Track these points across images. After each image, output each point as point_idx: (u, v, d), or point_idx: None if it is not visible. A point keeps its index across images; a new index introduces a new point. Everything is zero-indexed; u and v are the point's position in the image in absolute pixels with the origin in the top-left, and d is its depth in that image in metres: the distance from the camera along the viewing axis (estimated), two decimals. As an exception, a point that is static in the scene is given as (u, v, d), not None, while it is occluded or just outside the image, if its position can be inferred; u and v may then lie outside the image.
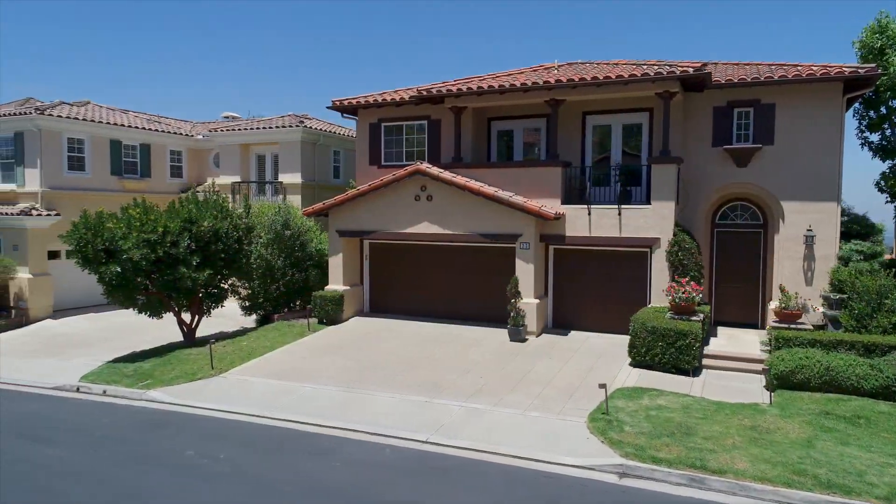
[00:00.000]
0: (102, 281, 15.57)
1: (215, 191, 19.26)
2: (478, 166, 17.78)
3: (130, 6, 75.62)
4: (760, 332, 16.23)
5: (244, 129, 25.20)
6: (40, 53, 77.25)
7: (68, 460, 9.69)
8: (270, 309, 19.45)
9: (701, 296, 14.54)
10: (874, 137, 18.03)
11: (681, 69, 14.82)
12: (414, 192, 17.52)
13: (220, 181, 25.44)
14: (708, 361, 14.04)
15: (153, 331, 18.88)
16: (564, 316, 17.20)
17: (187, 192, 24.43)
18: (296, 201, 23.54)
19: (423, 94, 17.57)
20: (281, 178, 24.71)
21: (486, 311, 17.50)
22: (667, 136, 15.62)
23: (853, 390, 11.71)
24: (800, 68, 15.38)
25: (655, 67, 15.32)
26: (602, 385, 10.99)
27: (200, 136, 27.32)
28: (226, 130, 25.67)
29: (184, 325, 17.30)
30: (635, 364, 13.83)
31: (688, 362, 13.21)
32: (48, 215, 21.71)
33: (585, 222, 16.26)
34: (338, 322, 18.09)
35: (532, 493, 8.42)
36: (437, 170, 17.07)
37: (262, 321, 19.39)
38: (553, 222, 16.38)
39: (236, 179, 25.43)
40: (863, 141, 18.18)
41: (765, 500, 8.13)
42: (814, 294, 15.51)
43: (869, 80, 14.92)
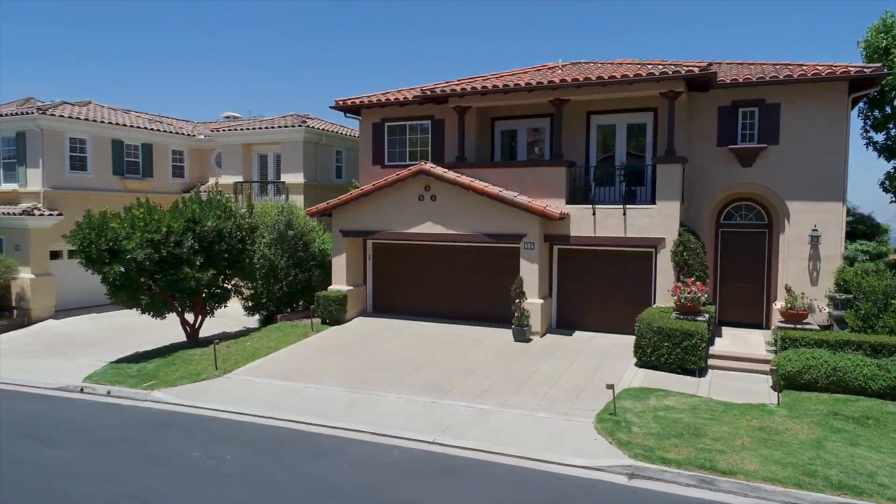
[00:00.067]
0: (106, 281, 15.51)
1: (218, 190, 19.19)
2: (482, 166, 17.73)
3: (130, 6, 75.56)
4: (765, 332, 16.20)
5: (246, 129, 25.12)
6: (40, 53, 77.18)
7: (74, 461, 9.63)
8: (273, 309, 19.39)
9: (706, 296, 14.50)
10: (879, 137, 17.97)
11: (686, 69, 14.78)
12: (418, 191, 17.48)
13: (222, 181, 25.36)
14: (713, 362, 14.01)
15: (156, 331, 18.82)
16: (569, 316, 17.16)
17: (189, 192, 24.37)
18: (298, 201, 23.46)
19: (427, 93, 17.52)
20: (283, 178, 24.63)
21: (489, 311, 17.46)
22: (672, 136, 15.58)
23: (861, 391, 11.68)
24: (805, 68, 15.33)
25: (660, 67, 15.27)
26: (609, 385, 10.95)
27: (202, 136, 27.25)
28: (228, 130, 25.59)
29: (187, 326, 17.25)
30: (641, 364, 13.79)
31: (694, 363, 13.18)
32: (50, 215, 21.63)
33: (590, 222, 16.22)
34: (341, 322, 18.04)
35: (541, 494, 8.38)
36: (441, 169, 17.03)
37: (265, 321, 19.32)
38: (557, 222, 16.34)
39: (238, 179, 25.35)
40: (867, 141, 18.13)
41: (775, 502, 8.08)
42: (819, 294, 15.48)
43: (874, 79, 14.89)
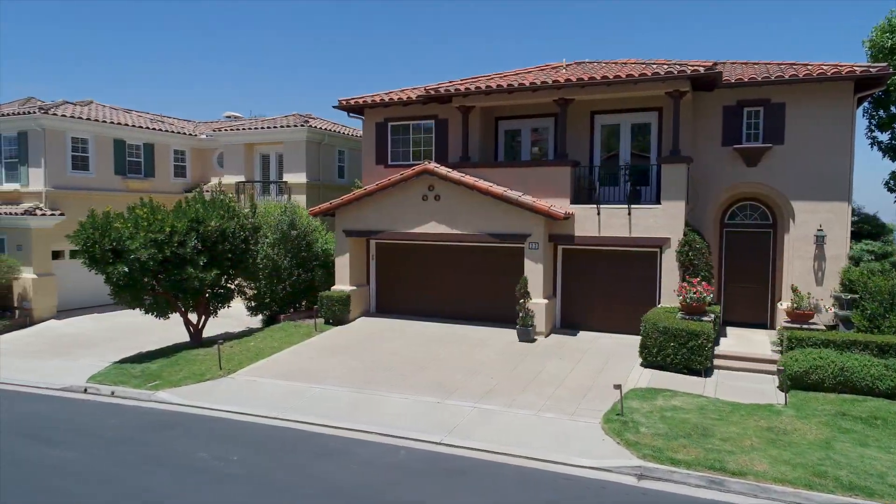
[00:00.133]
0: (110, 281, 15.46)
1: (221, 190, 19.14)
2: (486, 166, 17.69)
3: (130, 6, 75.42)
4: (770, 332, 16.17)
5: (248, 129, 25.08)
6: (40, 53, 76.97)
7: (80, 463, 9.58)
8: (277, 309, 19.35)
9: (712, 296, 14.47)
10: (884, 137, 17.98)
11: (692, 68, 14.74)
12: (421, 191, 17.43)
13: (224, 181, 25.29)
14: (719, 362, 13.96)
15: (158, 331, 18.77)
16: (573, 316, 17.13)
17: (191, 192, 24.31)
18: (301, 201, 23.41)
19: (431, 93, 17.47)
20: (285, 178, 24.60)
21: (493, 311, 17.42)
22: (677, 136, 15.54)
23: (868, 391, 11.65)
24: (810, 68, 15.30)
25: (665, 67, 15.24)
26: (617, 386, 10.91)
27: (204, 136, 27.20)
28: (230, 130, 25.55)
29: (190, 326, 17.20)
30: (646, 364, 13.75)
31: (700, 363, 13.14)
32: (52, 215, 21.58)
33: (595, 222, 16.18)
34: (344, 322, 18.00)
35: (551, 495, 8.34)
36: (445, 169, 16.98)
37: (268, 321, 19.29)
38: (562, 222, 16.30)
39: (240, 179, 25.31)
40: (872, 140, 18.12)
41: (786, 503, 8.05)
42: (824, 294, 15.45)
43: (880, 79, 14.86)
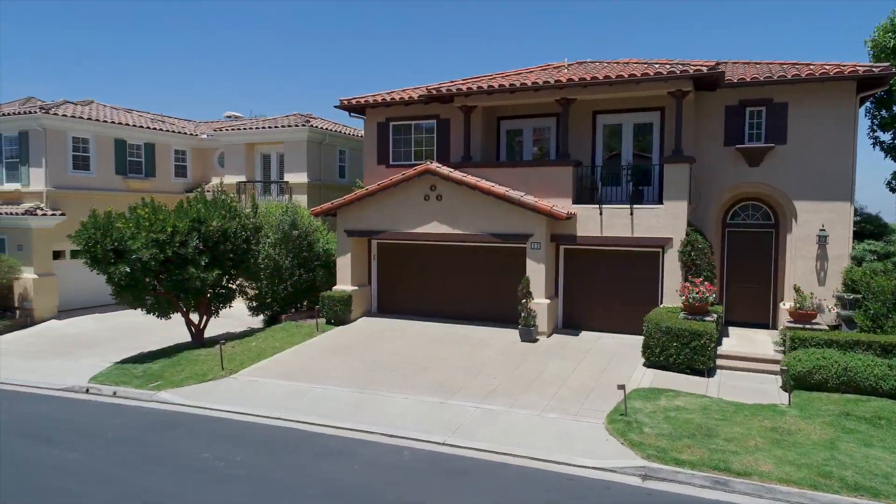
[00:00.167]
0: (111, 281, 15.42)
1: (222, 190, 19.12)
2: (487, 166, 17.67)
3: (130, 6, 75.36)
4: (772, 332, 16.16)
5: (249, 129, 25.05)
6: (40, 53, 76.89)
7: (82, 463, 9.56)
8: (278, 309, 19.33)
9: (714, 296, 14.45)
10: (886, 137, 17.96)
11: (694, 68, 14.72)
12: (423, 191, 17.41)
13: (225, 181, 25.27)
14: (721, 362, 13.95)
15: (159, 331, 18.75)
16: (575, 316, 17.11)
17: (192, 192, 24.27)
18: (302, 201, 23.40)
19: (433, 93, 17.45)
20: (286, 178, 24.57)
21: (495, 311, 17.40)
22: (679, 136, 15.52)
23: (871, 391, 11.64)
24: (813, 67, 15.29)
25: (668, 66, 15.22)
26: (621, 386, 10.89)
27: (205, 136, 27.17)
28: (231, 130, 25.52)
29: (192, 326, 17.16)
30: (649, 364, 13.74)
31: (703, 363, 13.12)
32: (53, 215, 21.54)
33: (597, 222, 16.17)
34: (346, 322, 17.99)
35: (556, 495, 8.32)
36: (447, 169, 16.96)
37: (270, 321, 19.26)
38: (564, 222, 16.29)
39: (241, 179, 25.28)
40: (874, 140, 18.10)
41: (791, 503, 8.03)
42: (826, 294, 15.43)
43: (883, 79, 14.83)
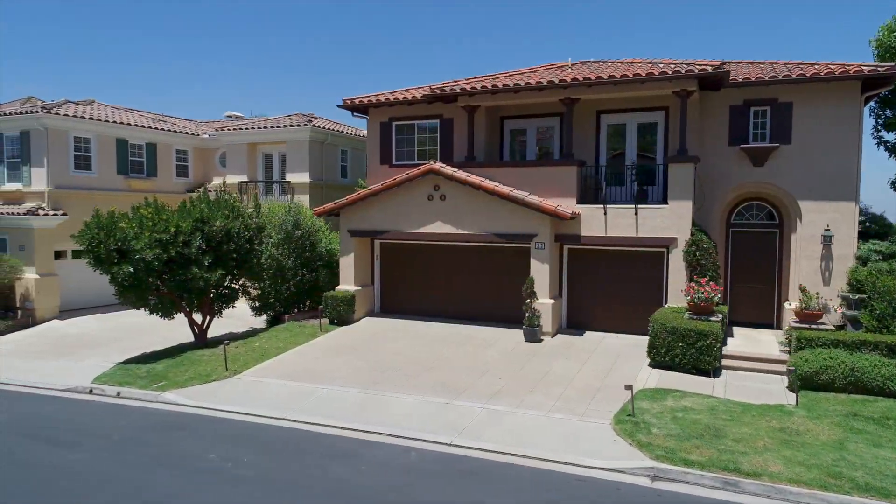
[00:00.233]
0: (115, 281, 15.37)
1: (225, 190, 19.07)
2: (491, 165, 17.64)
3: (129, 6, 75.23)
4: (776, 332, 16.13)
5: (251, 129, 25.00)
6: (39, 53, 76.75)
7: (91, 464, 9.50)
8: (281, 309, 19.28)
9: (719, 296, 14.43)
10: (890, 137, 17.94)
11: (700, 67, 14.69)
12: (427, 191, 17.37)
13: (227, 181, 25.22)
14: (727, 362, 13.93)
15: (162, 331, 18.71)
16: (579, 316, 17.07)
17: (193, 192, 24.23)
18: (304, 201, 23.37)
19: (437, 92, 17.40)
20: (288, 178, 24.53)
21: (498, 311, 17.37)
22: (684, 135, 15.49)
23: (879, 391, 11.62)
24: (818, 67, 15.26)
25: (673, 66, 15.19)
26: (628, 386, 10.86)
27: (206, 136, 27.12)
28: (232, 130, 25.47)
29: (195, 326, 17.11)
30: (654, 365, 13.70)
31: (708, 363, 13.09)
32: (55, 215, 21.48)
33: (601, 222, 16.13)
34: (349, 322, 17.94)
35: (566, 496, 8.29)
36: (450, 169, 16.92)
37: (273, 322, 19.22)
38: (568, 222, 16.25)
39: (243, 179, 25.24)
40: (878, 140, 18.07)
41: (802, 504, 8.02)
42: (831, 294, 15.41)
43: (888, 78, 14.81)
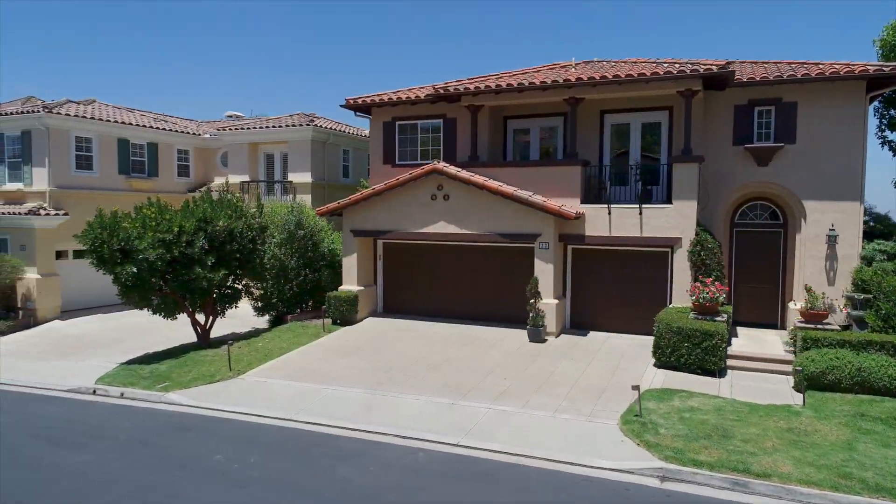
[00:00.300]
0: (118, 282, 15.30)
1: (228, 190, 19.02)
2: (495, 165, 17.60)
3: (129, 5, 75.12)
4: (781, 332, 16.11)
5: (253, 129, 24.94)
6: (38, 53, 76.65)
7: (98, 466, 9.45)
8: (284, 309, 19.23)
9: (724, 296, 14.40)
10: (894, 136, 17.92)
11: (705, 67, 14.66)
12: (430, 191, 17.33)
13: (229, 180, 25.15)
14: (731, 362, 13.89)
15: (164, 331, 18.65)
16: (582, 316, 17.04)
17: (195, 192, 24.17)
18: (305, 201, 23.31)
19: (440, 92, 17.36)
20: (290, 178, 24.47)
21: (501, 311, 17.34)
22: (688, 135, 15.46)
23: (885, 391, 11.60)
24: (822, 66, 15.25)
25: (678, 66, 15.17)
26: (635, 387, 10.83)
27: (208, 136, 27.05)
28: (234, 129, 25.41)
29: (198, 326, 17.06)
30: (660, 365, 13.67)
31: (714, 363, 13.07)
32: (56, 215, 21.41)
33: (605, 222, 16.10)
34: (352, 322, 17.90)
35: (575, 497, 8.25)
36: (454, 169, 16.88)
37: (275, 322, 19.16)
38: (573, 222, 16.22)
39: (244, 179, 25.18)
40: (882, 140, 18.06)
41: (812, 505, 7.98)
42: (836, 294, 15.39)
43: (893, 78, 14.78)
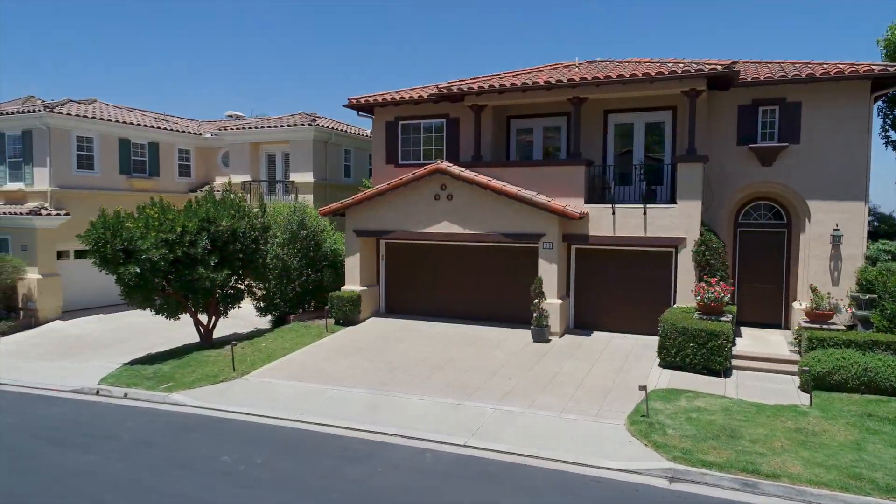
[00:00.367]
0: (121, 282, 15.23)
1: (231, 190, 18.96)
2: (498, 165, 17.55)
3: (129, 5, 75.00)
4: (785, 332, 16.10)
5: (254, 128, 24.88)
6: (38, 53, 76.52)
7: (103, 467, 9.40)
8: (286, 310, 19.17)
9: (729, 296, 14.38)
10: (898, 136, 17.94)
11: (709, 67, 14.64)
12: (434, 191, 17.29)
13: (231, 180, 25.08)
14: (737, 362, 13.88)
15: (165, 332, 18.60)
16: (586, 316, 17.01)
17: (196, 192, 24.12)
18: (307, 200, 23.25)
19: (443, 91, 17.31)
20: (292, 178, 24.41)
21: (505, 311, 17.30)
22: (693, 135, 15.44)
23: (892, 391, 11.58)
24: (827, 66, 15.23)
25: (682, 65, 15.14)
26: (642, 387, 10.80)
27: (209, 135, 26.98)
28: (235, 129, 25.34)
29: (200, 326, 16.99)
30: (665, 365, 13.65)
31: (719, 363, 13.04)
32: (57, 215, 21.34)
33: (609, 222, 16.07)
34: (355, 323, 17.86)
35: (584, 498, 8.22)
36: (458, 169, 16.84)
37: (278, 322, 19.10)
38: (576, 222, 16.19)
39: (245, 178, 25.12)
40: (886, 140, 18.05)
41: (822, 505, 7.96)
42: (840, 294, 15.36)
43: (898, 78, 14.79)
